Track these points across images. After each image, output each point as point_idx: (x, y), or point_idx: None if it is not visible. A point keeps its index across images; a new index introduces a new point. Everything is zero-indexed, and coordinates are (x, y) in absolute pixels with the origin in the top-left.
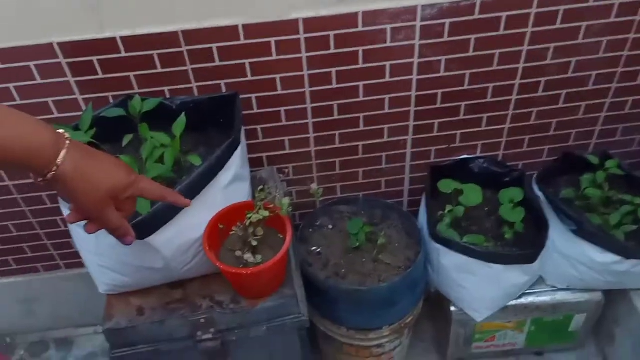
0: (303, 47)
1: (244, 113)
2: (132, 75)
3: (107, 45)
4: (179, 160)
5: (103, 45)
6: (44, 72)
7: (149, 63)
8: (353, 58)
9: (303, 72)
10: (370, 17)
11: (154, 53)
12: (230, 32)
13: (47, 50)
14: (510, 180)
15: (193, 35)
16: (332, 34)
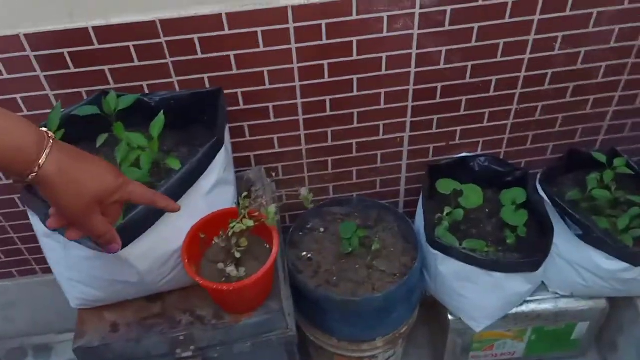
0: (292, 37)
1: (229, 109)
2: (106, 69)
3: (78, 36)
4: (158, 163)
5: (74, 36)
6: (11, 66)
7: (125, 56)
8: (346, 49)
9: (292, 64)
10: (366, 4)
11: (130, 45)
12: (213, 21)
13: (13, 42)
14: (513, 180)
15: (172, 25)
16: (323, 23)
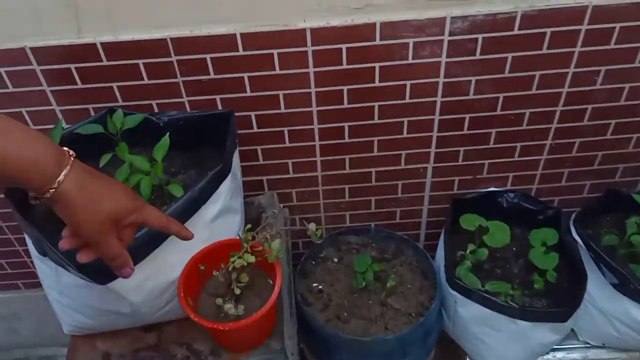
0: (310, 60)
1: (242, 132)
2: (115, 86)
3: (86, 52)
4: (162, 186)
5: (81, 52)
6: (16, 79)
7: (134, 73)
8: (368, 75)
9: (310, 89)
10: (390, 29)
11: (140, 62)
12: (227, 41)
13: (18, 56)
14: (544, 219)
15: (184, 44)
16: (344, 47)
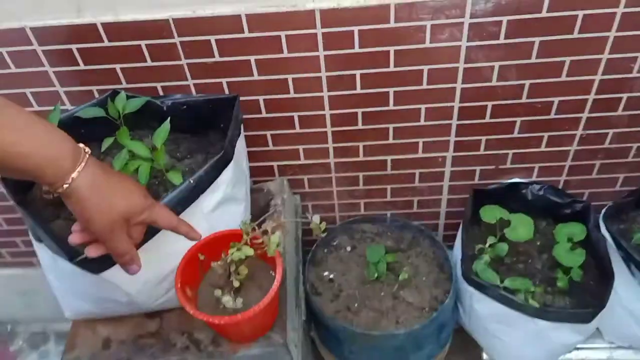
0: (320, 43)
1: (250, 117)
2: (118, 68)
3: (86, 32)
4: (162, 173)
5: (82, 32)
6: (18, 59)
7: (137, 55)
8: (382, 59)
9: (320, 73)
10: (406, 10)
11: (142, 43)
12: (232, 22)
13: (19, 35)
14: (571, 213)
15: (187, 25)
16: (356, 30)
